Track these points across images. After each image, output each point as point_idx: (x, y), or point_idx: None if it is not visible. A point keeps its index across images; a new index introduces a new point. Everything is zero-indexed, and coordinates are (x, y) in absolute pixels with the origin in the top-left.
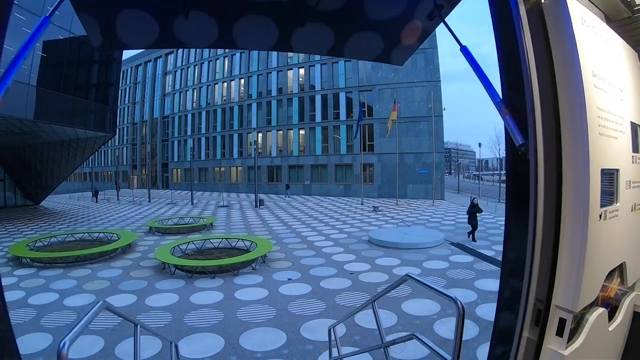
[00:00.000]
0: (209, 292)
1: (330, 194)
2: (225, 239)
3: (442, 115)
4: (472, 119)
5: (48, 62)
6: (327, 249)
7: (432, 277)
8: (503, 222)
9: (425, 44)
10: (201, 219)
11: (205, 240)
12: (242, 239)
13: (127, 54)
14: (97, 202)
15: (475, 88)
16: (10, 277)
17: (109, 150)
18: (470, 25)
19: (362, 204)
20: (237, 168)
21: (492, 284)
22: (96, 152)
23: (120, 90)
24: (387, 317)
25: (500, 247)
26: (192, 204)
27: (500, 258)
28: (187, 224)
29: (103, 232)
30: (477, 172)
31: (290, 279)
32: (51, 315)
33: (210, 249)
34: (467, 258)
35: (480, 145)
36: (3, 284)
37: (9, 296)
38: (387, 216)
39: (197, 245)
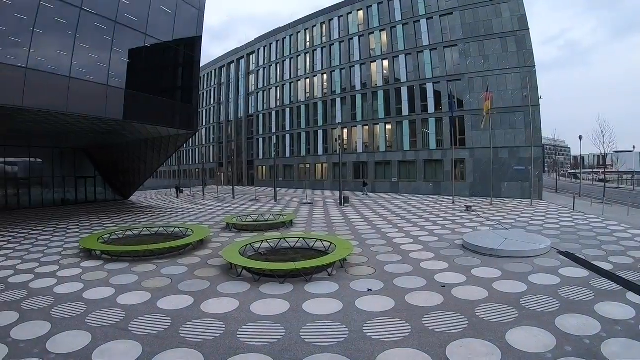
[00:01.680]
0: (274, 301)
1: (418, 191)
2: (303, 238)
3: (539, 105)
4: (567, 111)
5: (135, 67)
6: (415, 254)
7: (542, 296)
8: (614, 228)
9: (515, 26)
10: (281, 217)
11: (281, 239)
12: (320, 239)
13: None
14: (178, 197)
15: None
16: (76, 268)
17: (197, 149)
18: (555, 9)
19: (453, 203)
20: (322, 165)
21: (618, 310)
22: (185, 151)
23: (205, 92)
24: (487, 350)
25: (618, 260)
26: (275, 200)
27: (619, 273)
28: (265, 221)
29: (179, 227)
30: (574, 171)
31: (370, 290)
32: (98, 313)
33: (285, 249)
34: (581, 272)
35: (581, 138)
36: (68, 274)
37: (67, 288)
38: (482, 217)
39: (271, 245)
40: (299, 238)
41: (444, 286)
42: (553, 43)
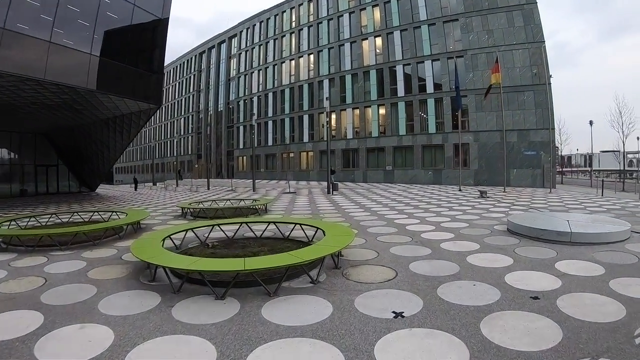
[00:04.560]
0: (189, 343)
1: (416, 181)
2: (274, 223)
3: (550, 83)
4: (556, 112)
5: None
6: (448, 245)
7: None
8: None
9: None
10: (254, 201)
11: (242, 224)
12: (301, 224)
13: (190, 43)
14: (135, 190)
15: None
16: None
17: (174, 140)
18: (544, 12)
19: (460, 190)
20: (307, 153)
21: None
22: (162, 143)
23: (185, 79)
24: None
25: None
26: (254, 190)
27: None
28: (231, 206)
29: (116, 212)
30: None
31: (400, 315)
32: None
33: (246, 240)
34: None
35: (591, 123)
36: None
37: None
38: (504, 202)
39: (227, 234)
40: (269, 222)
41: (537, 298)
42: None
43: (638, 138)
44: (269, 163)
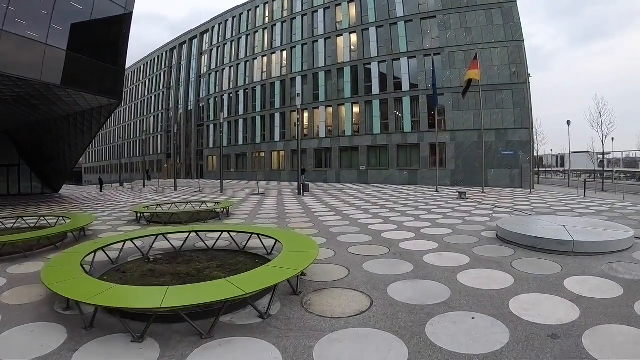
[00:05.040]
0: None
1: (391, 181)
2: (229, 232)
3: (529, 83)
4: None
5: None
6: (432, 258)
7: None
8: None
9: None
10: (216, 204)
11: (190, 233)
12: (258, 234)
13: (164, 41)
14: (101, 191)
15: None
16: None
17: (144, 140)
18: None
19: (437, 191)
20: (279, 153)
21: None
22: (132, 142)
23: (155, 76)
24: None
25: None
26: (221, 192)
27: None
28: (188, 210)
29: (63, 217)
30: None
31: None
32: None
33: (196, 253)
34: None
35: (569, 123)
36: None
37: None
38: (485, 204)
39: (173, 244)
40: (222, 231)
41: (557, 337)
42: None
43: (613, 139)
44: (239, 163)
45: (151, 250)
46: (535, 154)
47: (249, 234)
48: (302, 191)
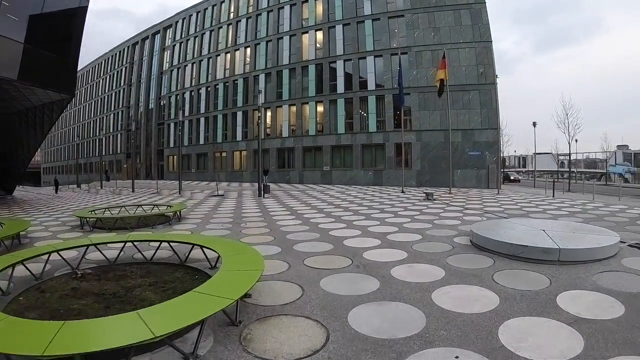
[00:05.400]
0: None
1: (355, 182)
2: (169, 242)
3: (496, 83)
4: None
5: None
6: (400, 270)
7: None
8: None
9: None
10: (168, 207)
11: (126, 243)
12: (202, 246)
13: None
14: (57, 192)
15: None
16: None
17: (103, 139)
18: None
19: (403, 192)
20: (240, 152)
21: None
22: (90, 141)
23: (115, 72)
24: None
25: None
26: (180, 193)
27: None
28: (134, 215)
29: None
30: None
31: None
32: None
33: (132, 266)
34: None
35: (534, 124)
36: None
37: None
38: (454, 206)
39: (112, 255)
40: (161, 241)
41: None
42: None
43: (577, 141)
44: (200, 163)
45: (83, 263)
46: (503, 154)
47: (191, 245)
48: (262, 192)
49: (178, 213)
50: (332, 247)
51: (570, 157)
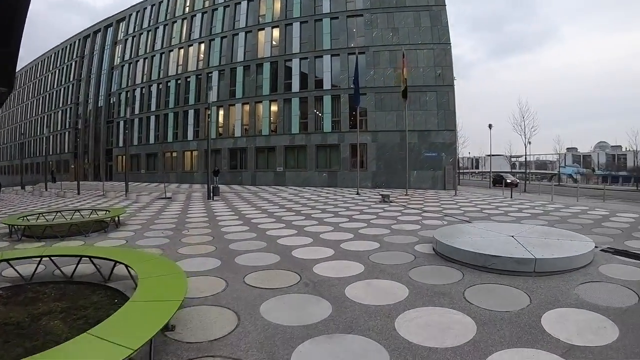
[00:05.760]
0: None
1: (309, 183)
2: (90, 257)
3: (453, 85)
4: None
5: None
6: (357, 289)
7: None
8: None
9: (432, 1)
10: (106, 212)
11: (42, 258)
12: (126, 265)
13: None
14: None
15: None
16: None
17: (51, 137)
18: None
19: (358, 193)
20: (192, 152)
21: None
22: (37, 140)
23: (65, 66)
24: None
25: None
26: (126, 195)
27: None
28: (72, 219)
29: None
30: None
31: None
32: None
33: (48, 285)
34: None
35: (490, 126)
36: None
37: None
38: (411, 208)
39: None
40: (81, 257)
41: None
42: None
43: (530, 143)
44: (150, 163)
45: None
46: (458, 156)
47: (113, 262)
48: (212, 195)
49: (116, 219)
50: (278, 259)
51: (526, 158)
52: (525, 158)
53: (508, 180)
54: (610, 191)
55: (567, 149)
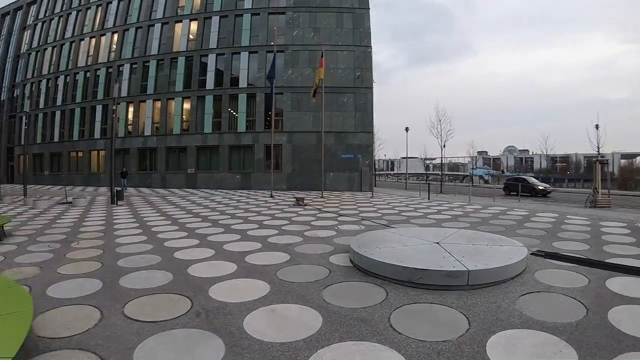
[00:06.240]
0: None
1: (222, 185)
2: None
3: (372, 88)
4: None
5: None
6: (258, 319)
7: None
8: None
9: (355, 3)
10: None
11: None
12: None
13: None
14: None
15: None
16: None
17: None
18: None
19: (272, 196)
20: (98, 152)
21: None
22: None
23: None
24: None
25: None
26: (24, 200)
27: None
28: None
29: None
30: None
31: None
32: None
33: None
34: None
35: (407, 129)
36: None
37: None
38: (327, 212)
39: None
40: None
41: None
42: None
43: (445, 146)
44: (54, 164)
45: None
46: (374, 158)
47: None
48: (116, 199)
49: (2, 229)
50: (171, 278)
51: (442, 160)
52: (442, 160)
53: (540, 187)
54: None
55: (478, 152)
